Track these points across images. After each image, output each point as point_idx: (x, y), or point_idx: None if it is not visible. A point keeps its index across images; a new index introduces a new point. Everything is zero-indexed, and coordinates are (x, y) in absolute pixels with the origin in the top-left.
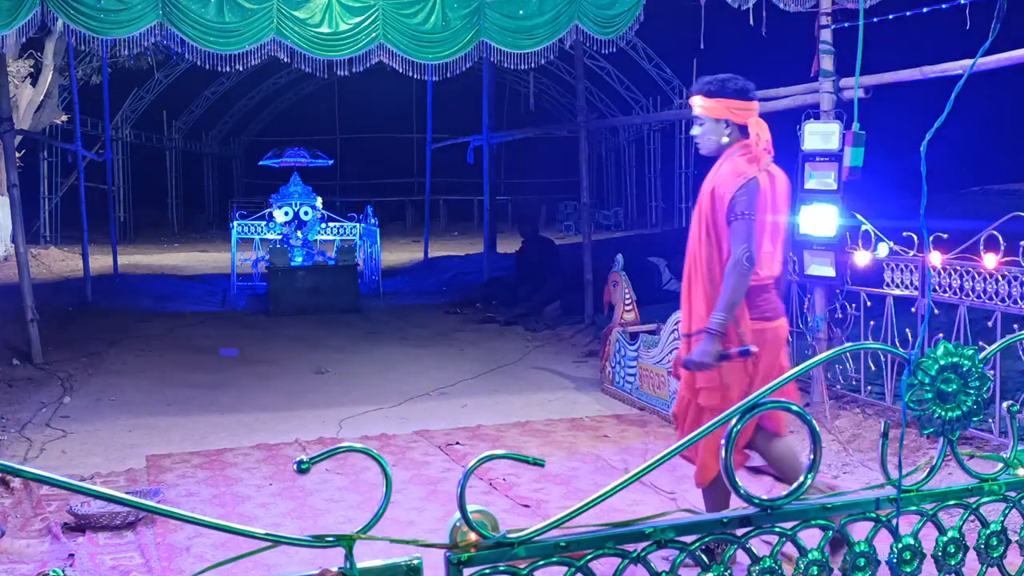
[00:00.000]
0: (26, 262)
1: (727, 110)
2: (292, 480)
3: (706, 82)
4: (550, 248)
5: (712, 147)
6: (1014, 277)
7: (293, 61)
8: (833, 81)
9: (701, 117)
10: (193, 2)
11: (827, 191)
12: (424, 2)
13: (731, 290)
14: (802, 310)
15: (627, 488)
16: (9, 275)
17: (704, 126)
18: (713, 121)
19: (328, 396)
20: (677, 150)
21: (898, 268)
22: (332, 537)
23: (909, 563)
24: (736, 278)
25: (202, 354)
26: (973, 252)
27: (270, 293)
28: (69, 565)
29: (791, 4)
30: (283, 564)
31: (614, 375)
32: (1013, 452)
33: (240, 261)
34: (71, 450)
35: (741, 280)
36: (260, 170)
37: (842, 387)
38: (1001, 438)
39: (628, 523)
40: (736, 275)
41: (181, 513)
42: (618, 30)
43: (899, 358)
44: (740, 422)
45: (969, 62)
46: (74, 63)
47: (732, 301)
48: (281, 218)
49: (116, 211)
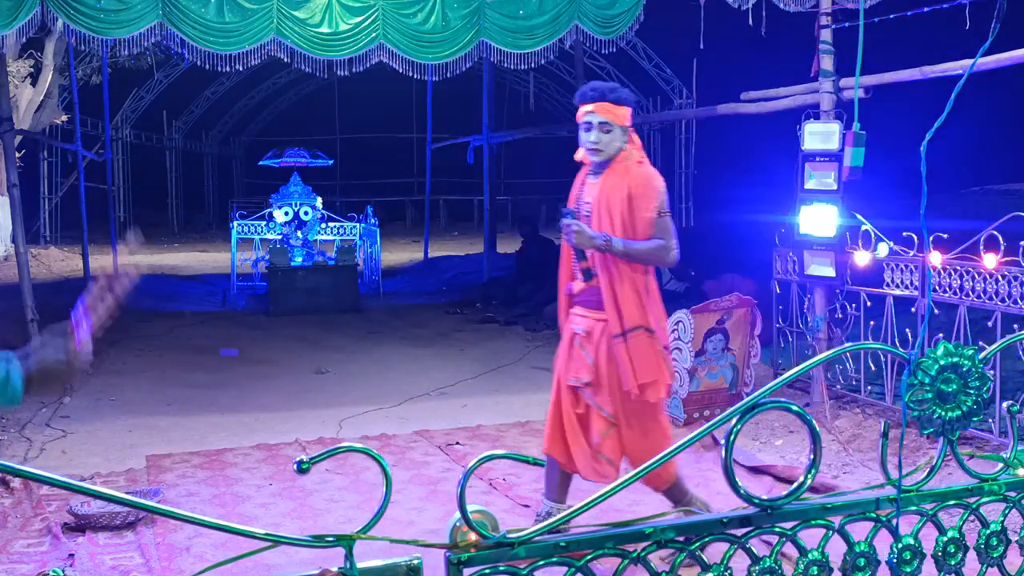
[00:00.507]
0: (26, 262)
1: (629, 118)
2: (292, 480)
3: (610, 89)
4: (550, 248)
5: (612, 153)
6: (1014, 277)
7: (293, 61)
8: (833, 81)
9: (610, 124)
10: (193, 2)
11: (827, 191)
12: (424, 2)
13: (646, 251)
14: (802, 310)
15: (627, 488)
16: (9, 275)
17: (611, 132)
18: (620, 129)
19: (328, 396)
20: (677, 150)
21: (898, 268)
22: (332, 537)
23: (909, 563)
24: (656, 255)
25: (202, 354)
26: (973, 252)
27: (270, 293)
28: (69, 565)
29: (791, 4)
30: (283, 564)
31: None
32: (1013, 452)
33: (240, 261)
34: (71, 450)
35: (657, 258)
36: (260, 170)
37: (842, 387)
38: (1001, 438)
39: (628, 523)
40: (657, 255)
41: (181, 513)
42: (618, 30)
43: (899, 358)
44: (740, 422)
45: (969, 62)
46: (74, 63)
47: (639, 253)
48: (281, 218)
49: (116, 211)
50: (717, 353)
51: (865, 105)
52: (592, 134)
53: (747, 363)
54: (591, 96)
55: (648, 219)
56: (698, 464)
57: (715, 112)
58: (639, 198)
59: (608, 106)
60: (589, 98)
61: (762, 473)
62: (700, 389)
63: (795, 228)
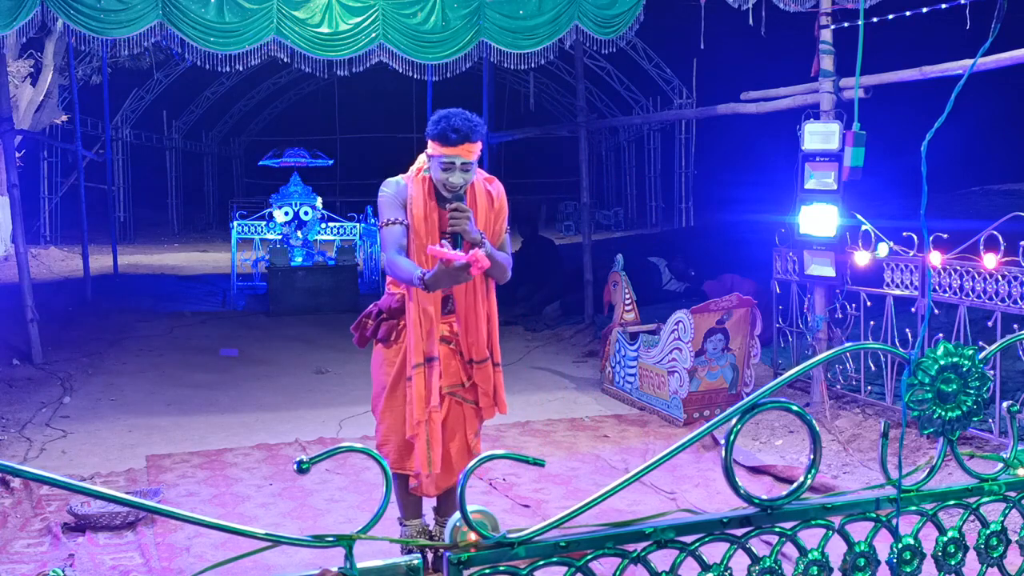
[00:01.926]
0: (26, 262)
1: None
2: (292, 480)
3: (472, 128)
4: (550, 248)
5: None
6: (1014, 277)
7: (293, 61)
8: (833, 81)
9: (469, 163)
10: (193, 2)
11: (827, 191)
12: (424, 2)
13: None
14: (802, 310)
15: (627, 488)
16: (9, 275)
17: (470, 171)
18: (476, 163)
19: (328, 396)
20: (677, 150)
21: (898, 268)
22: (332, 537)
23: (909, 563)
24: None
25: (202, 354)
26: (973, 252)
27: (270, 293)
28: (69, 565)
29: (791, 4)
30: (283, 564)
31: (614, 375)
32: (1013, 452)
33: (240, 261)
34: (71, 450)
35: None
36: (260, 170)
37: (842, 387)
38: (1001, 438)
39: (628, 523)
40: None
41: (181, 513)
42: (618, 30)
43: (899, 358)
44: (740, 422)
45: (969, 62)
46: (74, 63)
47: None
48: (281, 218)
49: (116, 211)
50: (717, 353)
51: (865, 105)
52: (455, 175)
53: (747, 363)
54: (455, 140)
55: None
56: (698, 464)
57: (715, 112)
58: (502, 211)
59: (471, 147)
60: (453, 141)
61: (762, 473)
62: (700, 389)
63: (795, 228)
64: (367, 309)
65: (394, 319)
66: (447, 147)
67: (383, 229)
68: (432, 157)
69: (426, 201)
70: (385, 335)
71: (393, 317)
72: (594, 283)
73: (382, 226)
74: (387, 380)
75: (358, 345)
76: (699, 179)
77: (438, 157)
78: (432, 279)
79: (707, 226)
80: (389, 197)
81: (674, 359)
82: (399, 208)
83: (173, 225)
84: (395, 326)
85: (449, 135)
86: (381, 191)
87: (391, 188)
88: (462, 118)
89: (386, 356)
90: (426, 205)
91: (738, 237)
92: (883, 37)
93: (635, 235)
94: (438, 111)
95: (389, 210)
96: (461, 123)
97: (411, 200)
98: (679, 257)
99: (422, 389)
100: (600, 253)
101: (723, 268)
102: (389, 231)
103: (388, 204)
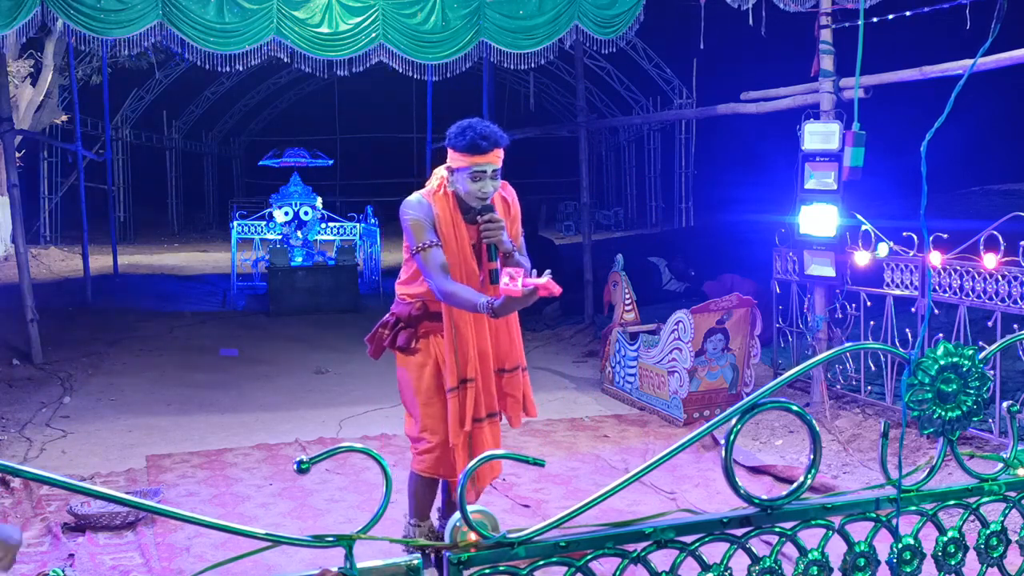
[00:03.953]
0: (26, 262)
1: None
2: (292, 480)
3: (500, 134)
4: (550, 248)
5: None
6: (1014, 277)
7: (293, 61)
8: (833, 81)
9: (499, 169)
10: (193, 2)
11: (827, 191)
12: (424, 2)
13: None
14: (802, 310)
15: (627, 488)
16: (9, 275)
17: (498, 178)
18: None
19: (328, 396)
20: (677, 150)
21: (898, 268)
22: (332, 537)
23: (909, 563)
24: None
25: (202, 354)
26: (973, 252)
27: (270, 293)
28: (69, 565)
29: (791, 4)
30: (283, 564)
31: (614, 375)
32: (1013, 452)
33: (240, 261)
34: (71, 450)
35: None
36: (260, 170)
37: (842, 387)
38: (1001, 438)
39: (628, 523)
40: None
41: (181, 513)
42: (618, 30)
43: (899, 358)
44: (740, 422)
45: (969, 62)
46: (74, 63)
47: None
48: (281, 218)
49: (116, 211)
50: (717, 353)
51: (865, 105)
52: (487, 184)
53: (747, 363)
54: (486, 147)
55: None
56: (698, 464)
57: (715, 112)
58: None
59: (500, 153)
60: (484, 149)
61: (762, 473)
62: (700, 389)
63: (795, 228)
64: (383, 319)
65: (412, 327)
66: (478, 156)
67: (420, 254)
68: (459, 170)
69: (453, 217)
70: (405, 343)
71: (411, 325)
72: (594, 283)
73: (418, 251)
74: (418, 384)
75: (372, 356)
76: (699, 179)
77: (466, 168)
78: (501, 307)
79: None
80: (419, 220)
81: (674, 359)
82: (430, 229)
83: (173, 225)
84: (414, 334)
85: (480, 143)
86: (407, 214)
87: (417, 210)
88: (485, 125)
89: (409, 364)
90: (454, 221)
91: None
92: (883, 37)
93: (635, 235)
94: (456, 123)
95: (423, 233)
96: (488, 130)
97: (439, 219)
98: (679, 257)
99: (456, 412)
100: (600, 253)
101: (723, 268)
102: (429, 256)
103: (420, 227)
